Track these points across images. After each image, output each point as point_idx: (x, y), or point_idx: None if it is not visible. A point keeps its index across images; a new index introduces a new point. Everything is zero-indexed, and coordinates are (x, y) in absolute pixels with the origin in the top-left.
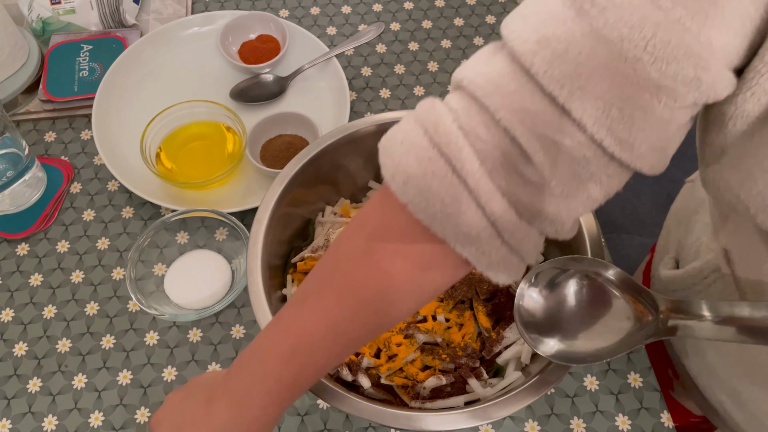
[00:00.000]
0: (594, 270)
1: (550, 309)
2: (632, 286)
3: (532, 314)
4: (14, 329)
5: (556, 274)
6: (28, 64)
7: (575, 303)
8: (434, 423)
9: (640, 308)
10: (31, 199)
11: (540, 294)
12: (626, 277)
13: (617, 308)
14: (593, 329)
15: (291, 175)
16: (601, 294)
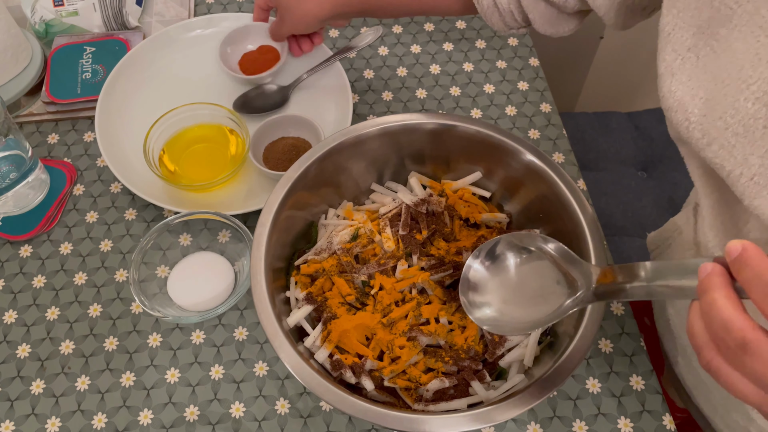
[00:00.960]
0: (535, 244)
1: (492, 280)
2: (569, 258)
3: (476, 285)
4: (17, 331)
5: (498, 247)
6: (31, 66)
7: (515, 274)
8: (437, 425)
9: (573, 278)
10: (34, 201)
11: (483, 266)
12: (564, 250)
13: (554, 279)
14: (532, 300)
15: (294, 177)
16: (540, 266)
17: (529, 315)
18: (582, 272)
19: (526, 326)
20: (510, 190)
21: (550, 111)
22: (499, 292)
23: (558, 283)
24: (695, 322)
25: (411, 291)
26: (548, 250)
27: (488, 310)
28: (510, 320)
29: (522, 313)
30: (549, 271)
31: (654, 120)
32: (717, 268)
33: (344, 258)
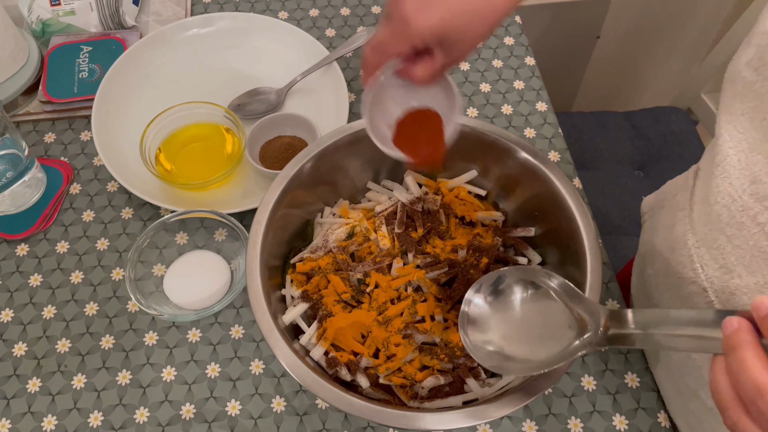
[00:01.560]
0: (540, 279)
1: (495, 317)
2: (576, 297)
3: (476, 321)
4: (14, 329)
5: (502, 282)
6: (28, 66)
7: (519, 311)
8: (432, 422)
9: (582, 319)
10: (30, 200)
11: (485, 301)
12: (570, 288)
13: (560, 318)
14: (536, 338)
15: (290, 175)
16: (545, 304)
17: (534, 354)
18: (590, 312)
19: (532, 367)
20: (505, 188)
21: (546, 110)
22: (501, 329)
23: (565, 323)
24: (720, 379)
25: (406, 289)
26: (552, 286)
27: (491, 347)
28: (514, 360)
29: (527, 352)
30: (555, 309)
31: (650, 119)
32: (744, 323)
33: (340, 256)
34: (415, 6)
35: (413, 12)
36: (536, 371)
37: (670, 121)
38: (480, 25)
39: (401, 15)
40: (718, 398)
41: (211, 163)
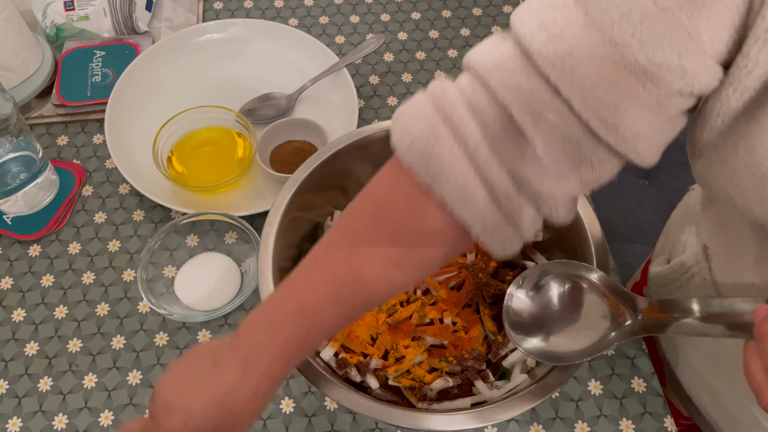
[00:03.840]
0: (578, 273)
1: (536, 310)
2: (614, 289)
3: (519, 314)
4: (26, 329)
5: (543, 276)
6: (42, 69)
7: (559, 304)
8: (440, 423)
9: (620, 309)
10: (43, 202)
11: (527, 295)
12: (609, 280)
13: (598, 309)
14: (576, 329)
15: (301, 179)
16: (584, 296)
17: (574, 344)
18: (628, 303)
19: (573, 356)
20: None
21: None
22: (543, 322)
23: (603, 314)
24: (753, 363)
25: (416, 292)
26: (593, 280)
27: (534, 340)
28: (557, 350)
29: (567, 343)
30: (593, 301)
31: None
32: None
33: None
34: (161, 406)
35: (159, 413)
36: (578, 360)
37: None
38: (229, 421)
39: (151, 413)
40: (753, 381)
41: (222, 166)
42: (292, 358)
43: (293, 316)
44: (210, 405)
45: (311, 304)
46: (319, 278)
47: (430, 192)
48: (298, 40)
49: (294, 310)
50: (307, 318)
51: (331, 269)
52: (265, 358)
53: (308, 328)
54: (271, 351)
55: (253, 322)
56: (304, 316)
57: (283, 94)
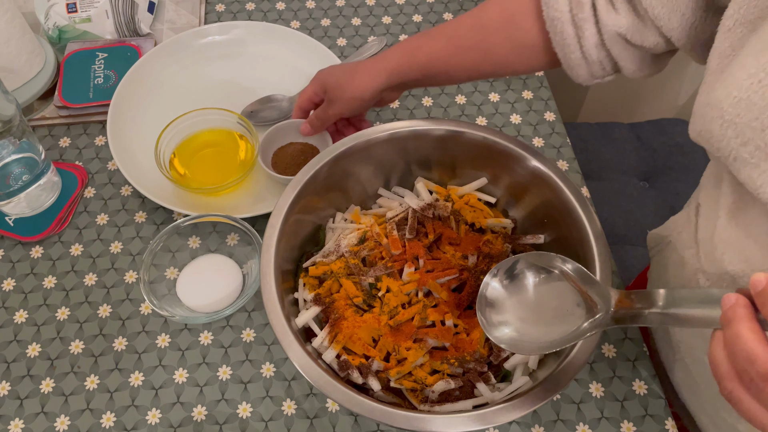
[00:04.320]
0: (553, 264)
1: (510, 299)
2: (587, 280)
3: (493, 303)
4: (28, 330)
5: (517, 266)
6: (45, 71)
7: (533, 294)
8: (441, 425)
9: (593, 300)
10: (46, 203)
11: (501, 284)
12: (582, 272)
13: (572, 300)
14: (548, 320)
15: (303, 181)
16: (558, 287)
17: (546, 335)
18: (601, 295)
19: (543, 347)
20: (515, 195)
21: (554, 119)
22: (516, 311)
23: (576, 305)
24: (717, 352)
25: (417, 294)
26: (567, 270)
27: (506, 329)
28: (528, 340)
29: (540, 333)
30: (567, 292)
31: (655, 131)
32: (741, 299)
33: (352, 260)
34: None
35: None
36: (548, 350)
37: (675, 132)
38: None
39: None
40: (715, 370)
41: (224, 168)
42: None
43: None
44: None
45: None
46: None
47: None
48: (300, 42)
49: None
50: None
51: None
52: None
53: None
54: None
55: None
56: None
57: (284, 96)
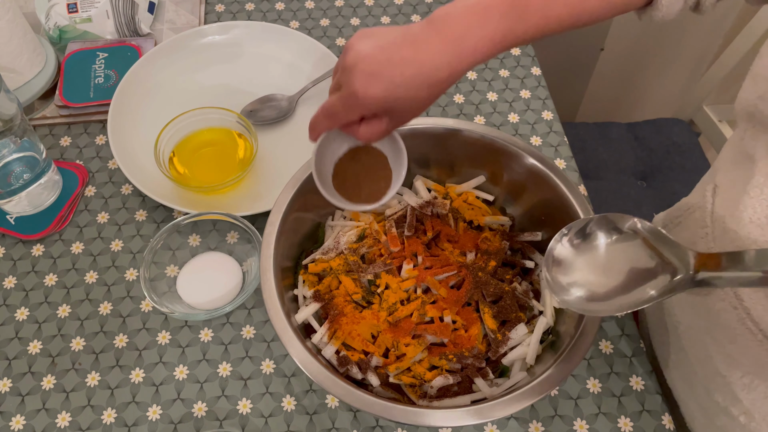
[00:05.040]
0: (627, 224)
1: (579, 259)
2: (664, 240)
3: (561, 263)
4: (29, 328)
5: (589, 227)
6: (45, 71)
7: (604, 255)
8: (439, 419)
9: (670, 262)
10: (46, 202)
11: (571, 244)
12: (659, 232)
13: (646, 261)
14: (620, 281)
15: (302, 179)
16: (630, 247)
17: (619, 296)
18: (679, 256)
19: (616, 308)
20: (513, 193)
21: (552, 119)
22: (586, 272)
23: (651, 266)
24: None
25: (416, 290)
26: (642, 231)
27: (575, 290)
28: (599, 301)
29: (611, 294)
30: (641, 252)
31: (653, 131)
32: None
33: (351, 258)
34: (362, 81)
35: (361, 87)
36: (622, 311)
37: (673, 132)
38: (423, 95)
39: (350, 89)
40: None
41: (224, 167)
42: (494, 47)
43: (505, 9)
44: (413, 78)
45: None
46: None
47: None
48: (299, 42)
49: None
50: (516, 13)
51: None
52: (471, 41)
53: (514, 24)
54: (481, 35)
55: (458, 11)
56: (515, 11)
57: (284, 96)
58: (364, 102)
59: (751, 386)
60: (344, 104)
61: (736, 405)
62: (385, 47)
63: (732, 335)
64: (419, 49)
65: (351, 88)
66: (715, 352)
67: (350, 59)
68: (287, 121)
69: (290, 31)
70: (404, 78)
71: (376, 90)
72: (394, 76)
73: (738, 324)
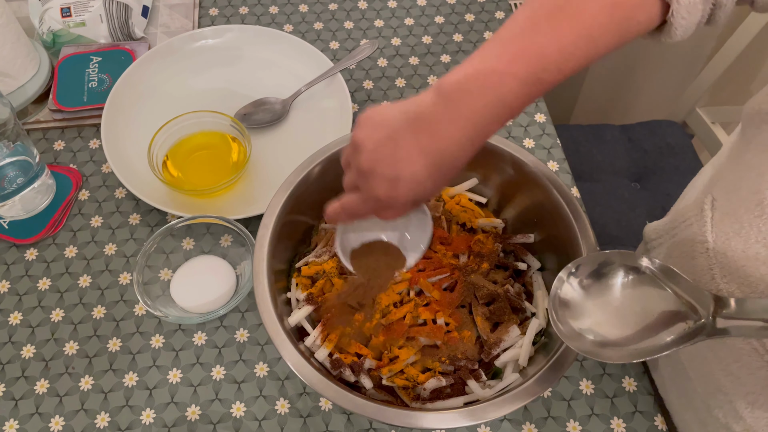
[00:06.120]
0: (639, 263)
1: (589, 301)
2: (680, 282)
3: (568, 304)
4: (22, 332)
5: (599, 265)
6: (39, 75)
7: (617, 297)
8: (432, 421)
9: (688, 307)
10: (40, 206)
11: (580, 285)
12: (674, 272)
13: (661, 305)
14: (635, 326)
15: (295, 182)
16: (645, 290)
17: (634, 342)
18: (698, 299)
19: (629, 354)
20: (505, 196)
21: (545, 121)
22: (597, 315)
23: (668, 310)
24: None
25: (409, 293)
26: (654, 270)
27: (585, 334)
28: (612, 347)
29: (625, 340)
30: (656, 295)
31: (646, 132)
32: None
33: None
34: (384, 187)
35: (384, 193)
36: (637, 359)
37: (666, 134)
38: (449, 178)
39: (373, 194)
40: None
41: (217, 170)
42: (513, 114)
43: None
44: (437, 170)
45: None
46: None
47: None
48: (292, 45)
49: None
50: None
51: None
52: (490, 114)
53: (532, 89)
54: (500, 107)
55: (471, 83)
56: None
57: (278, 99)
58: (389, 204)
59: (756, 404)
60: (368, 206)
61: (739, 422)
62: (398, 140)
63: (737, 354)
64: (436, 136)
65: (373, 193)
66: (717, 370)
67: (365, 162)
68: (281, 124)
69: (284, 34)
70: (428, 172)
71: (401, 192)
72: (415, 173)
73: (743, 343)
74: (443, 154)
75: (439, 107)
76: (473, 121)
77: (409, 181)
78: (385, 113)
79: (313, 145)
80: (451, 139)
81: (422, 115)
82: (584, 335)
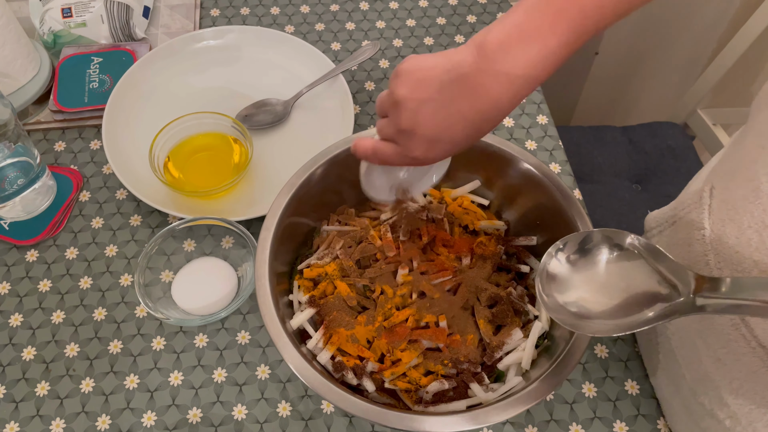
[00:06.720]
0: (625, 241)
1: (576, 276)
2: (663, 259)
3: (555, 278)
4: (23, 334)
5: (585, 242)
6: (40, 75)
7: (602, 273)
8: (435, 425)
9: (670, 284)
10: (41, 207)
11: (567, 260)
12: (656, 249)
13: (644, 282)
14: (618, 301)
15: (298, 184)
16: (630, 266)
17: (616, 317)
18: (679, 277)
19: (612, 328)
20: (508, 198)
21: (547, 123)
22: (582, 290)
23: (650, 287)
24: None
25: (411, 295)
26: (639, 248)
27: (570, 307)
28: (593, 320)
29: (608, 314)
30: (640, 271)
31: (647, 134)
32: None
33: (346, 263)
34: (424, 148)
35: (422, 153)
36: (618, 333)
37: (667, 135)
38: (485, 133)
39: (411, 153)
40: None
41: (219, 172)
42: (554, 68)
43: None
44: (476, 131)
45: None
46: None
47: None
48: (294, 46)
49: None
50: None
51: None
52: (532, 71)
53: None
54: (543, 63)
55: (512, 38)
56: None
57: (279, 101)
58: (426, 162)
59: (740, 391)
60: (402, 161)
61: (723, 409)
62: (440, 103)
63: (725, 340)
64: (478, 98)
65: (412, 153)
66: (705, 356)
67: (405, 122)
68: (282, 125)
69: (285, 35)
70: (466, 134)
71: (437, 153)
72: (455, 136)
73: (732, 329)
74: (484, 115)
75: (482, 65)
76: (515, 79)
77: (448, 143)
78: (428, 71)
79: (315, 147)
80: (492, 100)
81: (465, 77)
82: (568, 308)
